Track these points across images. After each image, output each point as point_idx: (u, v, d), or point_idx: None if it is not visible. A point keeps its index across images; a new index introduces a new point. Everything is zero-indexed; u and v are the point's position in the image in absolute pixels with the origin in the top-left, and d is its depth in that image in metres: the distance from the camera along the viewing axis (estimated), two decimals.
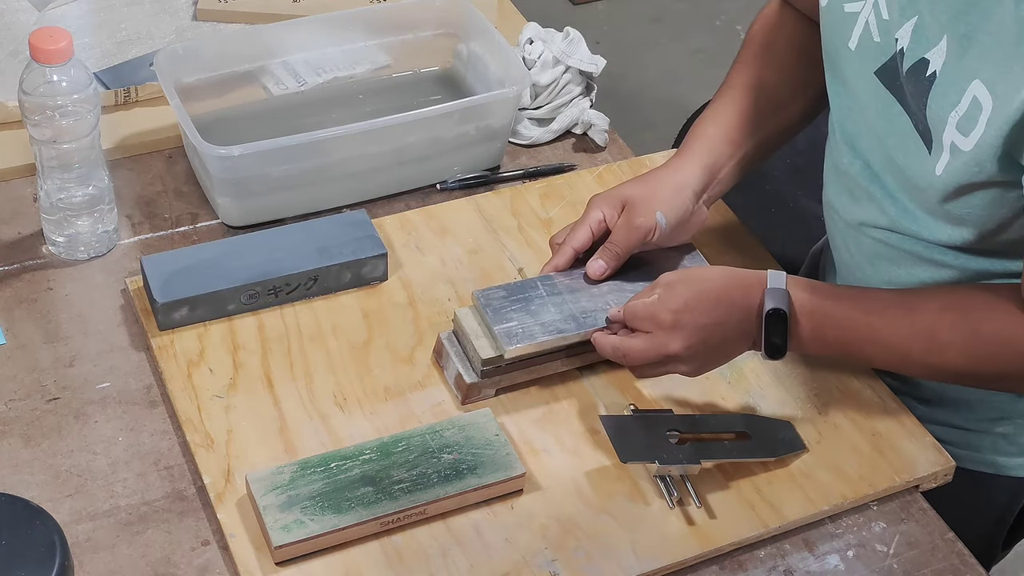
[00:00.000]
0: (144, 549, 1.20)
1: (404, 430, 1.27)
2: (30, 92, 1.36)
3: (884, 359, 1.27)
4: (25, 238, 1.49)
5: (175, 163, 1.59)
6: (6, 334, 1.38)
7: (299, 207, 1.52)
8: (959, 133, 1.17)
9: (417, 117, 1.50)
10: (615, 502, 1.24)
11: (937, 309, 1.23)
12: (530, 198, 1.55)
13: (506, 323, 1.31)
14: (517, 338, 1.30)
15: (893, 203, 1.29)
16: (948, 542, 1.25)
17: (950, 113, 1.17)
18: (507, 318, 1.31)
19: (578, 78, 1.64)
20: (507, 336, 1.30)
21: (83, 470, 1.26)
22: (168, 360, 1.34)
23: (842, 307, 1.25)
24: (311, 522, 1.18)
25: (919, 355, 1.24)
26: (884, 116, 1.26)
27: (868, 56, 1.27)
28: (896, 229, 1.30)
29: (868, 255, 1.35)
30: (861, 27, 1.27)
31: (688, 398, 1.33)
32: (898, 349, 1.24)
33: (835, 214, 1.40)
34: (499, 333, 1.30)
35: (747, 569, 1.22)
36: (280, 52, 1.62)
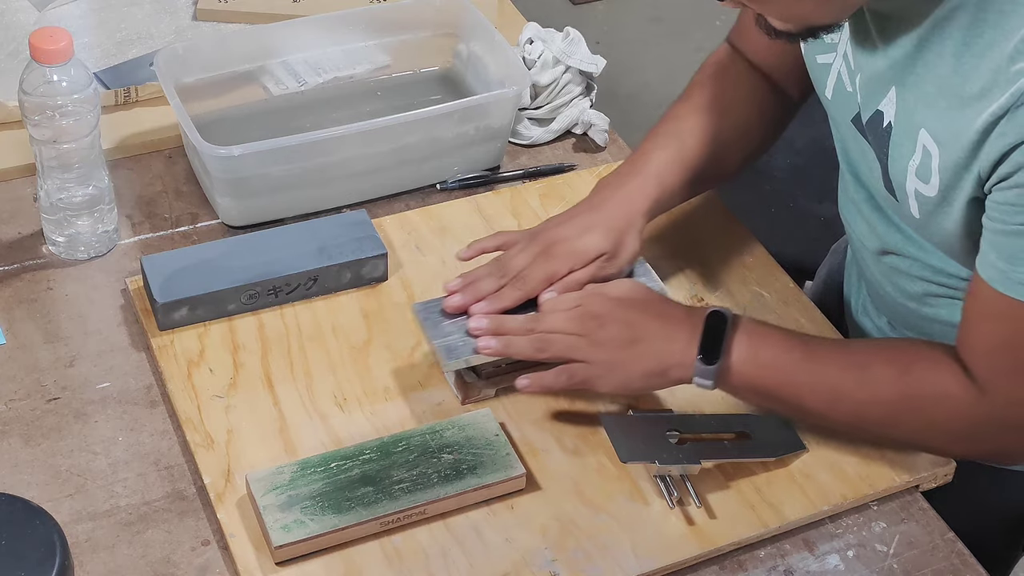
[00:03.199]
0: (144, 549, 1.20)
1: (404, 430, 1.27)
2: (30, 92, 1.36)
3: (815, 391, 1.23)
4: (25, 238, 1.49)
5: (175, 163, 1.59)
6: (6, 334, 1.38)
7: (299, 207, 1.52)
8: (920, 180, 1.19)
9: (417, 117, 1.50)
10: (615, 502, 1.24)
11: (875, 348, 1.24)
12: (530, 198, 1.55)
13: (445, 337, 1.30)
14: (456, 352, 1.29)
15: (898, 231, 1.30)
16: (948, 542, 1.25)
17: (908, 162, 1.19)
18: (446, 332, 1.30)
19: (578, 78, 1.64)
20: (446, 351, 1.29)
21: (83, 470, 1.26)
22: (168, 360, 1.34)
23: (782, 333, 1.26)
24: (311, 522, 1.18)
25: (850, 388, 1.21)
26: (865, 161, 1.29)
27: (843, 105, 1.29)
28: (905, 254, 1.31)
29: (885, 272, 1.36)
30: (834, 78, 1.29)
31: (688, 398, 1.33)
32: (831, 380, 1.22)
33: (851, 232, 1.41)
34: (438, 347, 1.29)
35: (747, 569, 1.22)
36: (280, 52, 1.62)
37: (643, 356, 1.25)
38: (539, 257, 1.33)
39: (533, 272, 1.32)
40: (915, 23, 1.15)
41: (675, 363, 1.24)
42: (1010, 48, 1.08)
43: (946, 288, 1.29)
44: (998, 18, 1.09)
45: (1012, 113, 1.08)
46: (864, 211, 1.34)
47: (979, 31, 1.10)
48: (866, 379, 1.21)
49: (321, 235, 1.43)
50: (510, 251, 1.35)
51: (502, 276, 1.33)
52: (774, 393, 1.24)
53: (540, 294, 1.31)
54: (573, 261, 1.33)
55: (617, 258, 1.34)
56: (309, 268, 1.39)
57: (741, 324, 1.24)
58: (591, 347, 1.25)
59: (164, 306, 1.35)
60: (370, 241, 1.42)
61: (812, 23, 1.17)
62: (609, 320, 1.26)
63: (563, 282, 1.32)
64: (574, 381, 1.26)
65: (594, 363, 1.25)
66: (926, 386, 1.20)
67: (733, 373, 1.23)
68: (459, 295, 1.32)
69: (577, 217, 1.36)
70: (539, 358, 1.27)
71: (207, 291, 1.36)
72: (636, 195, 1.37)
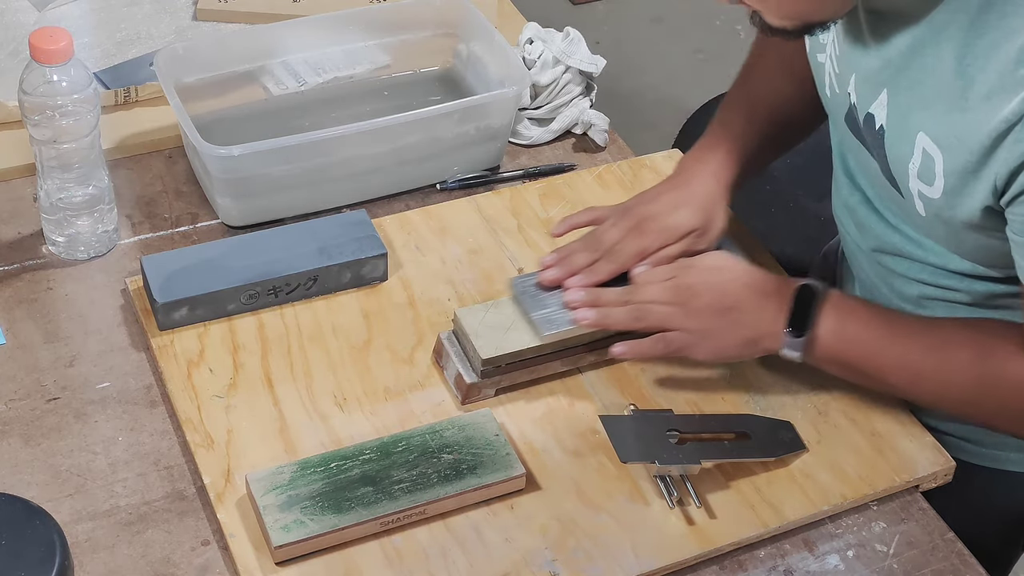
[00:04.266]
0: (144, 549, 1.20)
1: (404, 430, 1.27)
2: (30, 92, 1.36)
3: (898, 369, 1.25)
4: (25, 238, 1.49)
5: (175, 163, 1.59)
6: (6, 334, 1.38)
7: (299, 207, 1.52)
8: (922, 183, 1.19)
9: (417, 117, 1.50)
10: (615, 502, 1.24)
11: (957, 329, 1.24)
12: (530, 198, 1.55)
13: (543, 310, 1.32)
14: (553, 324, 1.31)
15: (895, 232, 1.30)
16: (948, 542, 1.25)
17: (908, 164, 1.19)
18: (544, 304, 1.33)
19: (578, 78, 1.64)
20: (545, 322, 1.31)
21: (83, 470, 1.26)
22: (168, 360, 1.34)
23: (869, 309, 1.27)
24: (311, 522, 1.18)
25: (931, 370, 1.23)
26: (860, 160, 1.29)
27: (837, 104, 1.30)
28: (902, 255, 1.31)
29: (880, 274, 1.36)
30: (829, 77, 1.30)
31: (688, 398, 1.33)
32: (913, 359, 1.23)
33: (845, 234, 1.41)
34: (536, 319, 1.31)
35: (747, 569, 1.22)
36: (280, 52, 1.62)
37: (736, 325, 1.27)
38: (631, 232, 1.35)
39: (626, 247, 1.34)
40: (911, 23, 1.15)
41: (766, 333, 1.26)
42: (1015, 50, 1.08)
43: (942, 290, 1.29)
44: (999, 20, 1.09)
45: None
46: (859, 213, 1.34)
47: (980, 32, 1.10)
48: (946, 361, 1.23)
49: (321, 235, 1.43)
50: (602, 226, 1.37)
51: (596, 250, 1.35)
52: (859, 367, 1.26)
53: (633, 268, 1.33)
54: (665, 237, 1.35)
55: (707, 234, 1.36)
56: (309, 268, 1.39)
57: (830, 298, 1.25)
58: (686, 316, 1.27)
59: (164, 306, 1.35)
60: (370, 241, 1.42)
61: (809, 20, 1.17)
62: (703, 290, 1.28)
63: (655, 257, 1.34)
64: (671, 348, 1.28)
65: (690, 331, 1.27)
66: (1003, 372, 1.20)
67: (820, 346, 1.25)
68: (554, 269, 1.35)
69: (667, 194, 1.38)
70: (636, 327, 1.29)
71: (207, 291, 1.36)
72: (721, 170, 1.39)
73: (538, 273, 1.36)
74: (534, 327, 1.32)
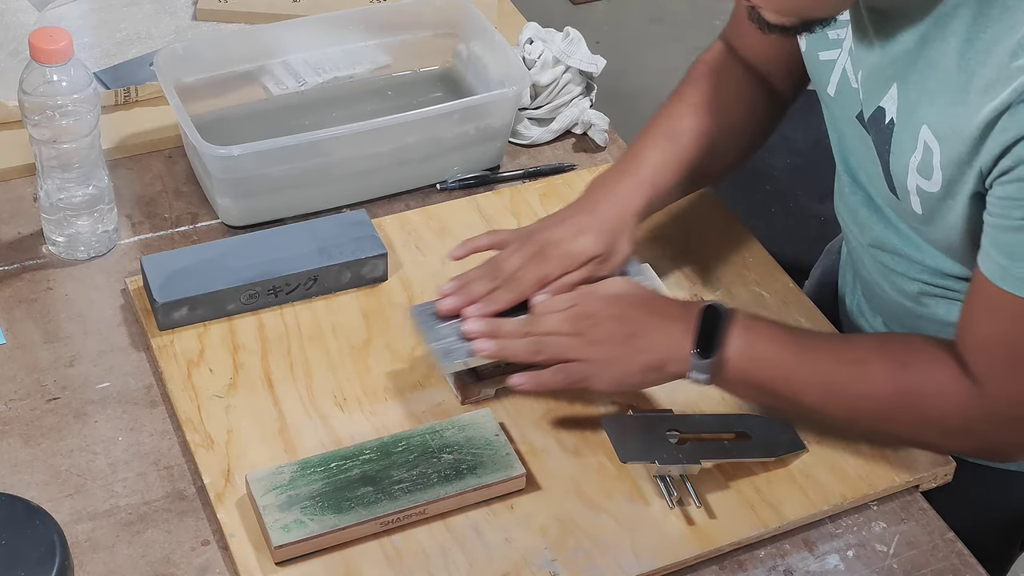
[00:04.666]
0: (144, 549, 1.20)
1: (404, 430, 1.27)
2: (30, 92, 1.36)
3: (810, 386, 1.22)
4: (25, 238, 1.49)
5: (175, 163, 1.59)
6: (6, 334, 1.38)
7: (299, 207, 1.52)
8: (921, 177, 1.19)
9: (417, 117, 1.50)
10: (615, 502, 1.24)
11: (872, 343, 1.24)
12: (530, 198, 1.55)
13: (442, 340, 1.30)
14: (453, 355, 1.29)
15: (895, 232, 1.30)
16: (948, 542, 1.25)
17: (910, 158, 1.19)
18: (442, 335, 1.31)
19: (578, 78, 1.64)
20: (443, 353, 1.29)
21: (83, 470, 1.26)
22: (168, 360, 1.34)
23: (778, 327, 1.26)
24: (311, 522, 1.18)
25: (845, 384, 1.21)
26: (866, 159, 1.29)
27: (847, 102, 1.28)
28: (901, 254, 1.31)
29: (881, 272, 1.36)
30: (838, 74, 1.29)
31: (688, 398, 1.33)
32: (826, 374, 1.22)
33: (847, 232, 1.40)
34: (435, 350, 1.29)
35: (747, 569, 1.22)
36: (280, 52, 1.62)
37: (639, 351, 1.25)
38: (532, 259, 1.33)
39: (526, 274, 1.32)
40: (916, 19, 1.15)
41: (671, 357, 1.24)
42: (1013, 44, 1.08)
43: (942, 288, 1.29)
44: (1001, 14, 1.09)
45: (1014, 108, 1.08)
46: (861, 211, 1.34)
47: (982, 27, 1.10)
48: (862, 373, 1.21)
49: (321, 235, 1.43)
50: (503, 252, 1.35)
51: (495, 278, 1.32)
52: (769, 387, 1.24)
53: (533, 296, 1.31)
54: (567, 263, 1.32)
55: (610, 260, 1.34)
56: (309, 268, 1.39)
57: (737, 318, 1.24)
58: (587, 346, 1.25)
59: (164, 306, 1.35)
60: (370, 241, 1.42)
61: (808, 16, 1.16)
62: (603, 318, 1.26)
63: (556, 284, 1.32)
64: (571, 379, 1.26)
65: (591, 361, 1.25)
66: (922, 381, 1.19)
67: (729, 367, 1.23)
68: (453, 297, 1.32)
69: (570, 219, 1.36)
70: (535, 360, 1.27)
71: (207, 291, 1.36)
72: (629, 196, 1.37)
73: (437, 301, 1.33)
74: (434, 358, 1.29)
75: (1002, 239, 1.12)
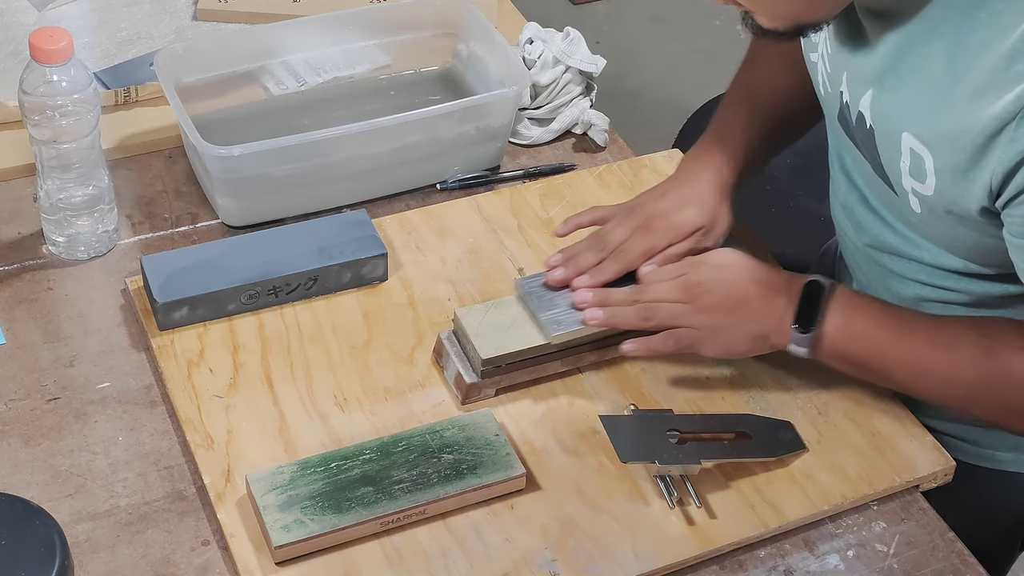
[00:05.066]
0: (144, 549, 1.20)
1: (404, 430, 1.27)
2: (30, 92, 1.36)
3: (904, 365, 1.24)
4: (25, 238, 1.49)
5: (175, 163, 1.59)
6: (6, 334, 1.38)
7: (299, 207, 1.52)
8: (915, 180, 1.19)
9: (417, 117, 1.50)
10: (615, 502, 1.24)
11: (964, 328, 1.24)
12: (530, 198, 1.55)
13: (551, 310, 1.32)
14: (561, 325, 1.31)
15: (891, 231, 1.30)
16: (948, 542, 1.25)
17: (899, 163, 1.20)
18: (552, 305, 1.33)
19: (578, 78, 1.64)
20: (553, 323, 1.31)
21: (83, 470, 1.26)
22: (168, 360, 1.34)
23: (877, 305, 1.27)
24: (311, 522, 1.18)
25: (936, 367, 1.23)
26: (855, 159, 1.29)
27: (831, 103, 1.30)
28: (899, 254, 1.31)
29: (877, 273, 1.36)
30: (822, 76, 1.30)
31: (688, 398, 1.33)
32: (919, 356, 1.23)
33: (843, 233, 1.41)
34: (544, 321, 1.31)
35: (747, 569, 1.22)
36: (280, 52, 1.62)
37: (745, 321, 1.27)
38: (637, 231, 1.35)
39: (632, 245, 1.34)
40: (903, 21, 1.15)
41: (774, 329, 1.26)
42: (1007, 47, 1.08)
43: (939, 290, 1.29)
44: (990, 17, 1.09)
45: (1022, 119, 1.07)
46: (856, 212, 1.34)
47: (971, 29, 1.10)
48: (952, 358, 1.22)
49: (321, 235, 1.43)
50: (608, 225, 1.37)
51: (601, 250, 1.35)
52: (865, 363, 1.26)
53: (640, 267, 1.33)
54: (672, 235, 1.34)
55: (713, 231, 1.36)
56: (309, 268, 1.39)
57: (837, 294, 1.25)
58: (695, 313, 1.27)
59: (164, 306, 1.35)
60: (370, 241, 1.42)
61: (801, 21, 1.17)
62: (712, 286, 1.27)
63: (663, 255, 1.34)
64: (681, 345, 1.28)
65: (699, 328, 1.27)
66: (1007, 370, 1.20)
67: (826, 342, 1.25)
68: (561, 269, 1.34)
69: (672, 192, 1.38)
70: (645, 327, 1.29)
71: (207, 291, 1.36)
72: (725, 168, 1.39)
73: (544, 273, 1.35)
74: (542, 328, 1.31)
75: None
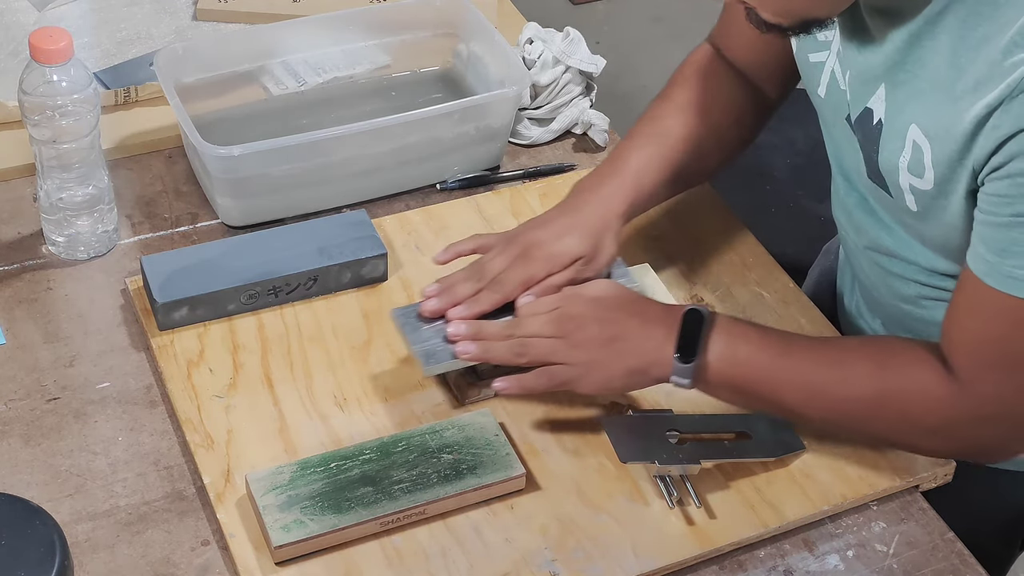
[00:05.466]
0: (144, 549, 1.20)
1: (404, 430, 1.27)
2: (30, 92, 1.36)
3: (793, 387, 1.22)
4: (25, 238, 1.49)
5: (175, 163, 1.59)
6: (6, 334, 1.38)
7: (299, 207, 1.52)
8: (913, 175, 1.19)
9: (417, 117, 1.50)
10: (615, 502, 1.24)
11: (853, 345, 1.24)
12: (530, 198, 1.55)
13: (425, 342, 1.30)
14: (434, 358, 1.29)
15: (889, 233, 1.30)
16: (948, 542, 1.25)
17: (899, 158, 1.19)
18: (424, 337, 1.30)
19: (578, 78, 1.64)
20: (426, 355, 1.29)
21: (83, 470, 1.26)
22: (168, 360, 1.34)
23: (759, 329, 1.26)
24: (311, 522, 1.18)
25: (828, 385, 1.21)
26: (855, 160, 1.29)
27: (837, 103, 1.28)
28: (896, 256, 1.31)
29: (878, 274, 1.36)
30: (827, 76, 1.29)
31: (688, 398, 1.33)
32: (808, 377, 1.22)
33: (844, 235, 1.40)
34: (418, 352, 1.29)
35: (747, 569, 1.22)
36: (280, 52, 1.62)
37: (622, 354, 1.25)
38: (516, 261, 1.32)
39: (510, 276, 1.32)
40: (908, 18, 1.15)
41: (654, 361, 1.24)
42: (1004, 41, 1.08)
43: (939, 290, 1.29)
44: (992, 11, 1.09)
45: (1006, 104, 1.08)
46: (856, 213, 1.34)
47: (974, 24, 1.10)
48: (843, 376, 1.21)
49: (321, 235, 1.43)
50: (487, 255, 1.34)
51: (479, 280, 1.32)
52: (751, 390, 1.23)
53: (518, 298, 1.31)
54: (551, 265, 1.32)
55: (595, 261, 1.34)
56: (309, 268, 1.39)
57: (718, 322, 1.24)
58: (570, 349, 1.25)
59: (164, 306, 1.35)
60: (370, 241, 1.42)
61: (807, 17, 1.16)
62: (587, 320, 1.26)
63: (541, 286, 1.31)
64: (554, 383, 1.26)
65: (574, 364, 1.25)
66: (903, 381, 1.19)
67: (711, 371, 1.23)
68: (436, 299, 1.32)
69: (555, 220, 1.36)
70: (519, 363, 1.27)
71: (207, 291, 1.36)
72: (614, 198, 1.36)
73: (420, 303, 1.33)
74: (417, 360, 1.29)
75: (990, 235, 1.12)
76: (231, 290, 1.37)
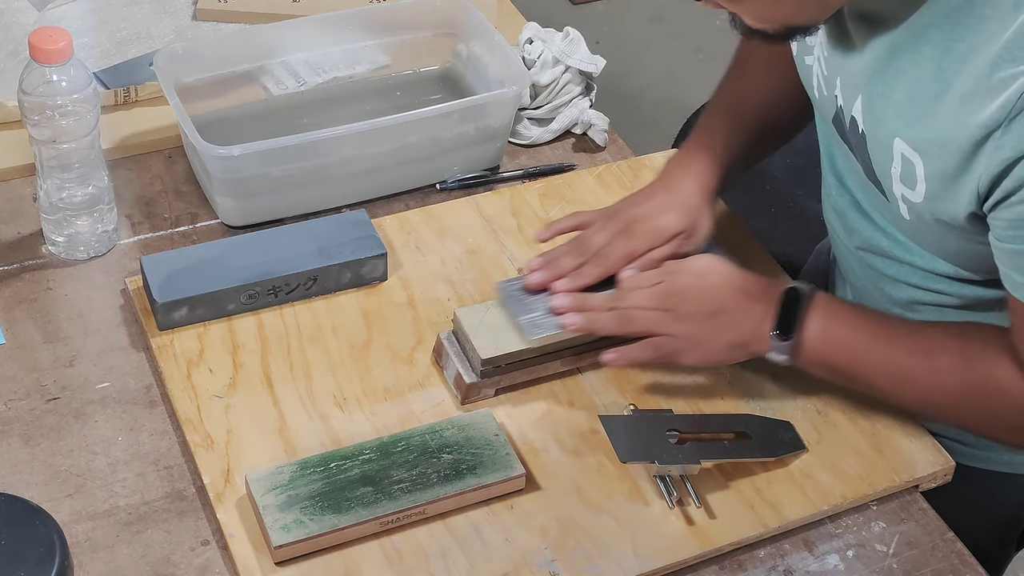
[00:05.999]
0: (144, 549, 1.20)
1: (404, 430, 1.27)
2: (30, 92, 1.36)
3: (885, 373, 1.24)
4: (25, 238, 1.49)
5: (175, 163, 1.59)
6: (6, 334, 1.38)
7: (299, 207, 1.52)
8: (905, 187, 1.19)
9: (417, 117, 1.50)
10: (615, 502, 1.24)
11: (942, 335, 1.24)
12: (530, 198, 1.55)
13: (529, 314, 1.31)
14: (540, 328, 1.30)
15: (883, 235, 1.30)
16: (948, 542, 1.25)
17: (890, 169, 1.20)
18: (530, 308, 1.32)
19: (578, 78, 1.64)
20: (532, 327, 1.30)
21: (83, 470, 1.26)
22: (168, 360, 1.34)
23: (856, 311, 1.27)
24: (311, 522, 1.18)
25: (918, 374, 1.23)
26: (848, 162, 1.29)
27: (826, 106, 1.29)
28: (890, 257, 1.31)
29: (869, 276, 1.36)
30: (816, 79, 1.30)
31: (688, 398, 1.33)
32: (899, 363, 1.23)
33: (835, 236, 1.41)
34: (523, 324, 1.31)
35: (747, 569, 1.22)
36: (280, 52, 1.62)
37: (724, 328, 1.26)
38: (619, 235, 1.34)
39: (613, 250, 1.34)
40: (891, 27, 1.15)
41: (753, 336, 1.26)
42: (992, 54, 1.07)
43: (931, 293, 1.29)
44: (978, 24, 1.09)
45: (1007, 126, 1.07)
46: (848, 214, 1.34)
47: (960, 37, 1.10)
48: (932, 366, 1.22)
49: (321, 235, 1.43)
50: (589, 230, 1.37)
51: (582, 254, 1.34)
52: (845, 370, 1.26)
53: (620, 272, 1.33)
54: (652, 240, 1.34)
55: (693, 237, 1.36)
56: (309, 268, 1.39)
57: (817, 300, 1.25)
58: (674, 321, 1.27)
59: (164, 306, 1.35)
60: (370, 241, 1.42)
61: (790, 24, 1.16)
62: (691, 294, 1.27)
63: (642, 260, 1.33)
64: (659, 354, 1.28)
65: (677, 336, 1.27)
66: (986, 380, 1.20)
67: (806, 349, 1.24)
68: (540, 272, 1.34)
69: (653, 196, 1.38)
70: (623, 333, 1.28)
71: (207, 291, 1.36)
72: (707, 173, 1.39)
73: (524, 277, 1.35)
74: (520, 331, 1.31)
75: (1021, 263, 1.13)
76: (231, 290, 1.37)
